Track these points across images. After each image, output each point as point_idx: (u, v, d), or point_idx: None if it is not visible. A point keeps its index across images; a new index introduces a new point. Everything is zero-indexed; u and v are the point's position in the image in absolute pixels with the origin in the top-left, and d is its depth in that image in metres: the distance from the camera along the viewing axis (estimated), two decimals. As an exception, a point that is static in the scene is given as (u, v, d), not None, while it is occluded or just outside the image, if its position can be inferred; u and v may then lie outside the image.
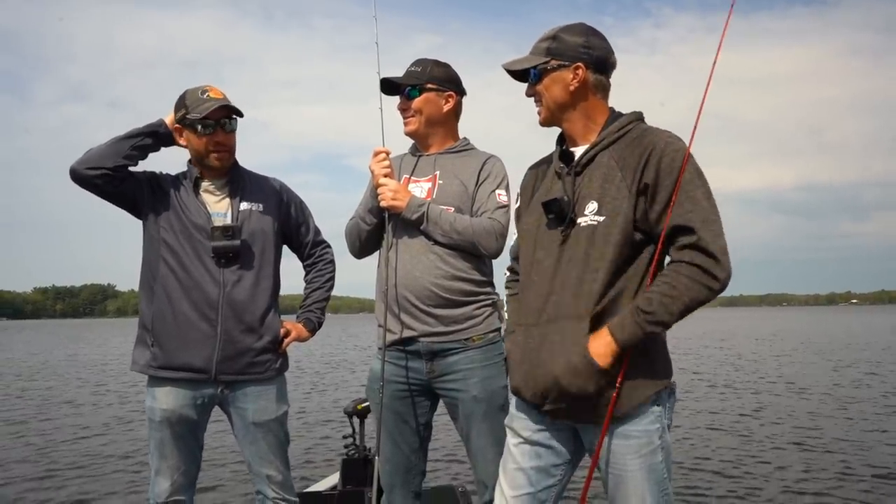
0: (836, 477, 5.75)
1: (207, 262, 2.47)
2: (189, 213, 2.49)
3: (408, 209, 2.44)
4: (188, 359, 2.44)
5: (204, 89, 2.47)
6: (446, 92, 2.58)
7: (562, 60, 1.93)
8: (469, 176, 2.53)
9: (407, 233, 2.48)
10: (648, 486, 1.83)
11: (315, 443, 7.61)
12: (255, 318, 2.52)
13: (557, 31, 1.96)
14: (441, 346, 2.45)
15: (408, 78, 2.57)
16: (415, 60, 2.62)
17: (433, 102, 2.57)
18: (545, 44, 1.96)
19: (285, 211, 2.69)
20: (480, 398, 2.42)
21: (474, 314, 2.47)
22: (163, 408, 2.46)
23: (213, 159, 2.50)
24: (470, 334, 2.45)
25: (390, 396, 2.50)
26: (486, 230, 2.43)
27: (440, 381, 2.47)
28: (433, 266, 2.44)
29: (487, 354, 2.46)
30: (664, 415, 1.87)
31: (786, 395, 10.91)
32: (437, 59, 2.62)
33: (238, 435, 2.57)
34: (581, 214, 1.87)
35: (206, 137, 2.46)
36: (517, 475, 1.96)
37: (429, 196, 2.52)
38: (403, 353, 2.49)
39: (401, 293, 2.46)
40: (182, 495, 2.54)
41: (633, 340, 1.76)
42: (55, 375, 16.91)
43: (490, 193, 2.51)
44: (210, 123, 2.45)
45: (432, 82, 2.57)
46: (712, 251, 1.73)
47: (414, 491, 2.57)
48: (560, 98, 1.95)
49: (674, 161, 1.79)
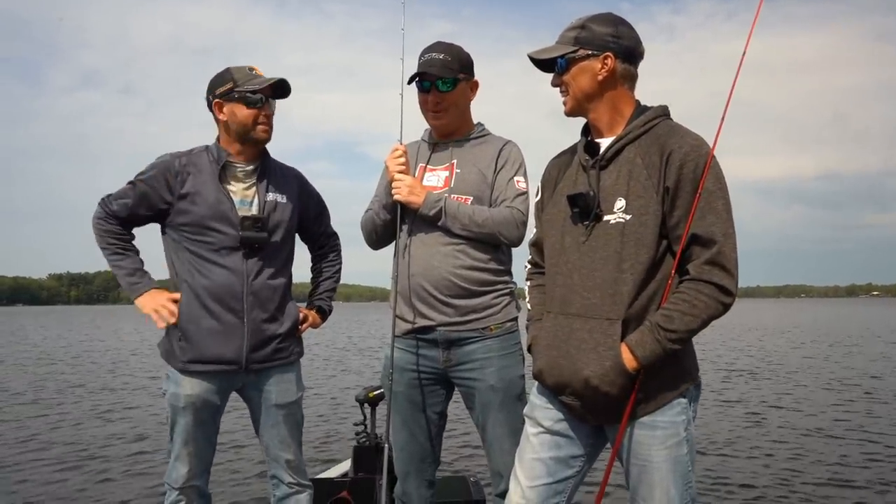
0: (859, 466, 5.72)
1: (231, 252, 2.48)
2: (212, 202, 2.47)
3: (425, 205, 2.42)
4: (220, 351, 2.46)
5: (251, 67, 2.51)
6: (472, 79, 2.55)
7: (591, 49, 1.90)
8: (487, 164, 2.50)
9: (424, 224, 2.46)
10: (673, 479, 1.83)
11: (327, 430, 7.64)
12: (277, 305, 2.55)
13: (586, 20, 1.93)
14: (458, 335, 2.43)
15: (443, 70, 2.45)
16: (434, 45, 2.51)
17: (464, 93, 2.52)
18: (573, 33, 1.93)
19: (305, 204, 2.72)
20: (498, 387, 2.41)
21: (492, 303, 2.45)
22: (187, 393, 2.47)
23: (259, 131, 2.51)
24: (488, 323, 2.44)
25: (406, 385, 2.50)
26: (507, 220, 2.41)
27: (457, 370, 2.46)
28: (452, 256, 2.42)
29: (505, 344, 2.45)
30: (690, 407, 1.88)
31: (800, 387, 10.85)
32: (452, 43, 2.53)
33: (259, 418, 2.60)
34: (609, 211, 1.86)
35: (256, 109, 2.48)
36: (535, 465, 1.96)
37: (446, 185, 2.49)
38: (419, 341, 2.48)
39: (419, 283, 2.44)
40: (198, 480, 2.56)
41: (653, 359, 1.77)
42: (89, 362, 17.08)
43: (509, 181, 2.47)
44: (260, 98, 2.47)
45: (463, 71, 2.49)
46: (730, 267, 1.77)
47: (427, 479, 2.57)
48: (588, 88, 1.92)
49: (697, 168, 1.78)
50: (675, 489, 1.83)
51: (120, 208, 2.53)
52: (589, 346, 1.83)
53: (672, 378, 1.84)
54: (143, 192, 2.51)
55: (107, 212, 2.54)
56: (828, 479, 5.50)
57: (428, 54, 2.49)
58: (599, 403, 1.85)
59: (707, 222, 1.77)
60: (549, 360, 1.92)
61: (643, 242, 1.80)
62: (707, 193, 1.77)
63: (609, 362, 1.80)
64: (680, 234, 1.79)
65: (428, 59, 2.48)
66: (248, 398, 2.61)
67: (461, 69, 2.48)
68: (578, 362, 1.84)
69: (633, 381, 1.80)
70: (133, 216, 2.55)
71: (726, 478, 5.54)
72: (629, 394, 1.80)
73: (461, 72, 2.48)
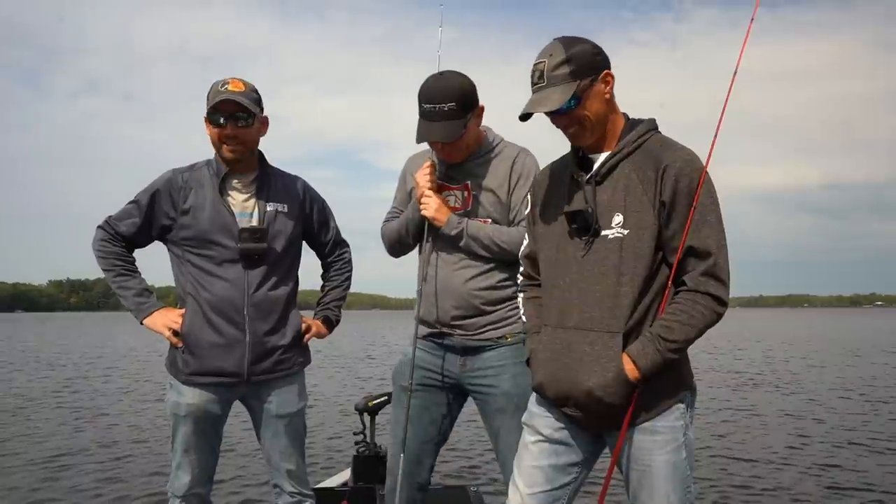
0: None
1: (232, 264, 2.48)
2: (213, 215, 2.48)
3: (447, 226, 2.45)
4: (221, 364, 2.46)
5: (225, 81, 2.45)
6: (477, 109, 2.42)
7: (591, 76, 1.88)
8: (500, 182, 2.48)
9: (446, 243, 2.48)
10: (673, 483, 1.86)
11: (327, 438, 7.63)
12: (279, 317, 2.54)
13: (563, 54, 1.86)
14: (475, 344, 2.47)
15: (447, 131, 2.33)
16: (432, 90, 2.34)
17: (472, 129, 2.44)
18: (562, 70, 1.85)
19: (308, 212, 2.71)
20: (512, 393, 2.43)
21: (508, 315, 2.49)
22: (188, 402, 2.48)
23: (225, 150, 2.49)
24: (503, 332, 2.47)
25: (418, 382, 2.51)
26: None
27: (472, 377, 2.49)
28: (473, 278, 2.45)
29: (519, 352, 2.46)
30: (687, 412, 1.91)
31: (800, 397, 10.83)
32: (450, 76, 2.38)
33: (261, 428, 2.60)
34: (607, 226, 1.88)
35: (217, 129, 2.46)
36: (534, 472, 1.97)
37: (463, 206, 2.49)
38: (438, 345, 2.52)
39: (441, 299, 2.47)
40: (201, 488, 2.56)
41: (654, 368, 1.81)
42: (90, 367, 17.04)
43: (523, 199, 2.45)
44: (219, 116, 2.44)
45: (467, 109, 2.37)
46: (724, 278, 1.83)
47: (419, 482, 2.57)
48: (601, 111, 1.91)
49: (692, 182, 1.82)
50: (675, 494, 1.86)
51: (128, 228, 2.54)
52: (591, 358, 1.85)
53: (671, 385, 1.88)
54: (149, 210, 2.52)
55: (112, 234, 2.55)
56: (826, 487, 5.53)
57: (429, 105, 2.35)
58: (602, 413, 1.87)
59: (702, 235, 1.81)
60: (549, 373, 1.94)
61: (641, 256, 1.83)
62: (701, 207, 1.82)
63: (612, 374, 1.82)
64: (675, 246, 1.83)
65: (429, 112, 2.35)
66: (250, 408, 2.61)
67: (465, 109, 2.36)
68: (580, 374, 1.86)
69: (634, 390, 1.83)
70: (140, 235, 2.56)
71: (725, 481, 5.56)
72: (630, 402, 1.84)
73: (469, 112, 2.38)
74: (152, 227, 2.54)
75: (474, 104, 2.41)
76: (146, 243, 2.60)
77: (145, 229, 2.54)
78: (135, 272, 2.58)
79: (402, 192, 2.67)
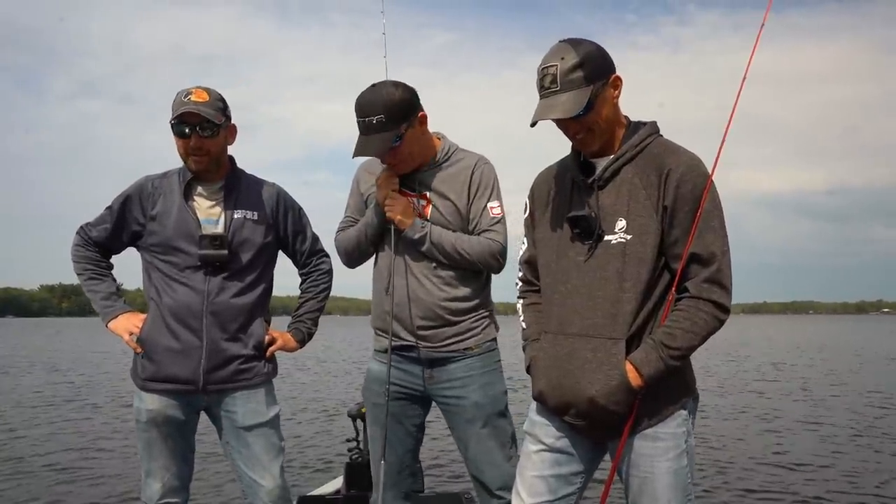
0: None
1: (194, 271, 2.45)
2: (177, 221, 2.45)
3: (411, 228, 2.40)
4: (175, 370, 2.42)
5: (189, 91, 2.40)
6: (417, 116, 2.34)
7: (603, 80, 1.84)
8: (458, 192, 2.44)
9: (410, 249, 2.44)
10: (674, 492, 1.84)
11: (320, 445, 7.56)
12: (239, 325, 2.48)
13: (576, 57, 1.80)
14: (440, 355, 2.45)
15: (381, 144, 2.27)
16: (365, 102, 2.27)
17: (413, 138, 2.34)
18: (577, 74, 1.79)
19: (282, 219, 2.63)
20: (482, 403, 2.43)
21: (473, 326, 2.47)
22: (148, 408, 2.45)
23: (190, 162, 2.46)
24: (469, 344, 2.45)
25: (390, 397, 2.47)
26: (486, 251, 2.41)
27: (439, 389, 2.47)
28: (437, 288, 2.42)
29: (486, 361, 2.47)
30: (689, 419, 1.90)
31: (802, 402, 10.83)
32: (382, 85, 2.30)
33: (228, 443, 2.51)
34: (610, 231, 1.85)
35: (182, 140, 2.42)
36: (536, 482, 1.95)
37: (422, 215, 2.45)
38: (402, 358, 2.47)
39: (403, 310, 2.43)
40: (175, 497, 2.50)
41: (657, 376, 1.79)
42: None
43: (483, 210, 2.43)
44: (184, 127, 2.39)
45: (403, 121, 2.29)
46: (727, 285, 1.81)
47: (404, 491, 2.58)
48: (611, 116, 1.89)
49: (695, 188, 1.80)
50: (676, 501, 1.84)
51: (99, 233, 2.55)
52: (593, 365, 1.82)
53: (674, 391, 1.87)
54: (120, 216, 2.52)
55: (85, 239, 2.57)
56: (828, 492, 5.52)
57: (361, 118, 2.28)
58: (605, 421, 1.85)
59: (706, 241, 1.79)
60: (550, 381, 1.91)
61: (644, 261, 1.81)
62: (705, 213, 1.79)
63: (615, 381, 1.80)
64: (678, 251, 1.81)
65: (361, 125, 2.29)
66: (213, 418, 2.54)
67: (396, 121, 2.27)
68: (582, 382, 1.83)
69: (636, 398, 1.81)
70: (112, 241, 2.56)
71: (724, 488, 5.54)
72: (632, 410, 1.82)
73: (402, 122, 2.29)
74: (123, 233, 2.54)
75: (409, 114, 2.31)
76: (120, 249, 2.59)
77: (117, 235, 2.54)
78: (105, 276, 2.58)
79: (356, 199, 2.59)
